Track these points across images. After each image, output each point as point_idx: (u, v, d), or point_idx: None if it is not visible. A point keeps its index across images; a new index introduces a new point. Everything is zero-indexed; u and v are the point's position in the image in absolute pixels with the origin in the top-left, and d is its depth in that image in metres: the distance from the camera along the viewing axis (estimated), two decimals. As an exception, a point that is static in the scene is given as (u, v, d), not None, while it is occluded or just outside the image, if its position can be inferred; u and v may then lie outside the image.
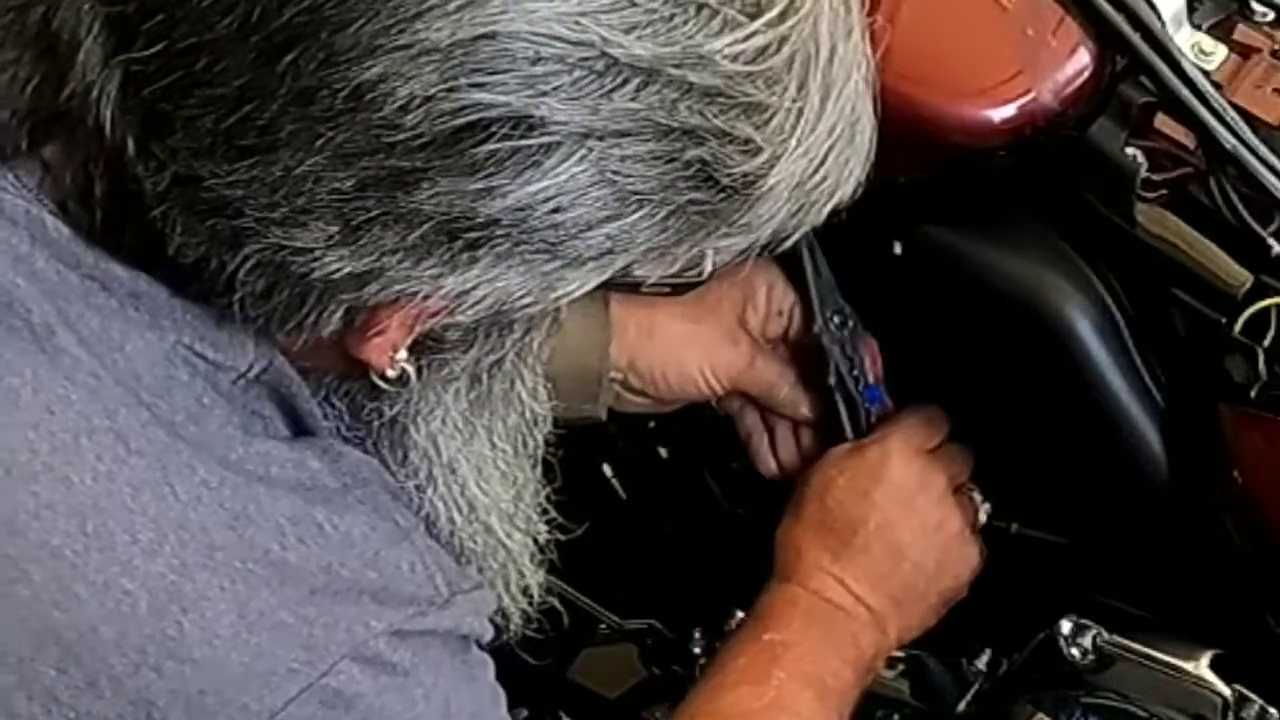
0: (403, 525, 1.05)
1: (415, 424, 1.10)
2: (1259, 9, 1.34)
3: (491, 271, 0.97)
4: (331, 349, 1.03)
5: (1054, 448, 1.42)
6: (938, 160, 1.33)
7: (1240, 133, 1.26)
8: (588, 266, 0.99)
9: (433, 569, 1.04)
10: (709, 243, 1.01)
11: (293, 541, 1.00)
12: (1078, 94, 1.29)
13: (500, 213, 0.94)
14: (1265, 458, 1.31)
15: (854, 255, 1.45)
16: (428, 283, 0.97)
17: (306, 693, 0.98)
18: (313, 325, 0.99)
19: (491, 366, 1.09)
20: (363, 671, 1.00)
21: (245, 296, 0.98)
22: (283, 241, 0.95)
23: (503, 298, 0.98)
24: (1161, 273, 1.34)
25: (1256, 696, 1.36)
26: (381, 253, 0.95)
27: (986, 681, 1.48)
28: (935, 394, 1.48)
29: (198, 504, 0.98)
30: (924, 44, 1.32)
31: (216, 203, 0.95)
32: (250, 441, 1.01)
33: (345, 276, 0.96)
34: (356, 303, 0.98)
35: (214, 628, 0.97)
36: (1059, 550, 1.47)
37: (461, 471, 1.12)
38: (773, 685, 1.34)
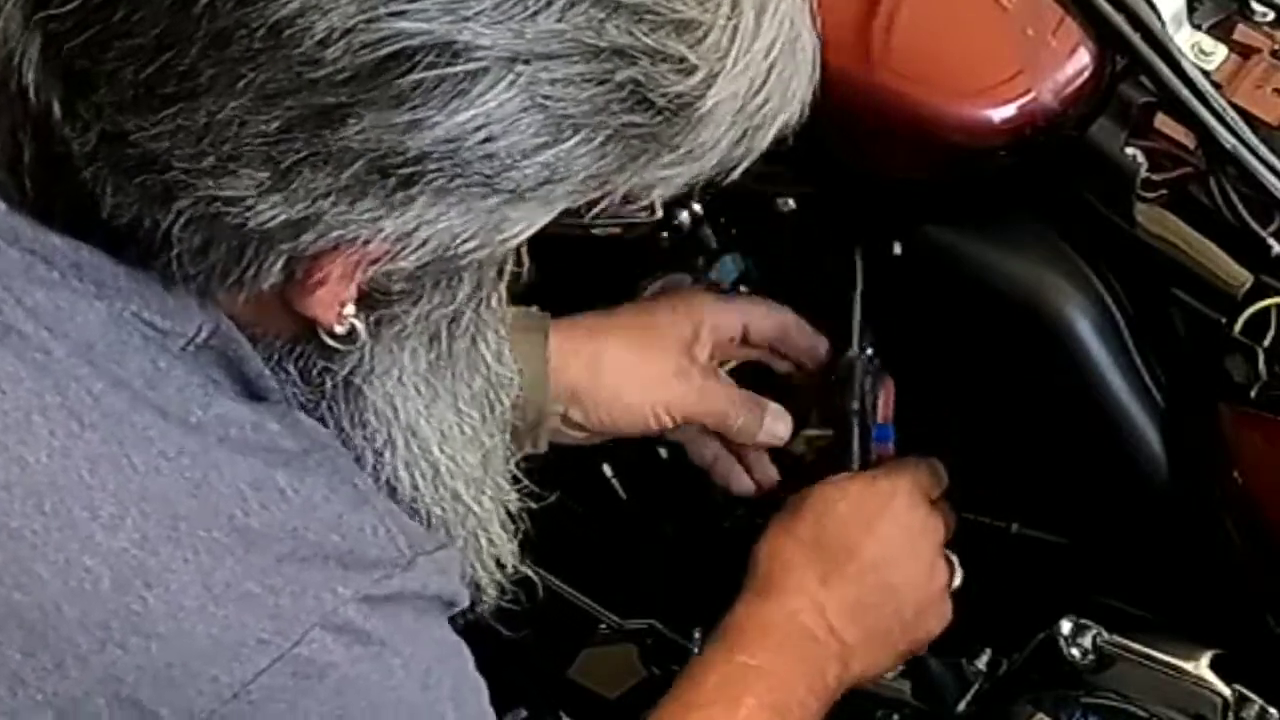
0: (362, 489, 1.03)
1: (370, 383, 1.07)
2: (1259, 9, 1.34)
3: (430, 211, 0.95)
4: (278, 308, 1.01)
5: (1054, 448, 1.42)
6: (938, 160, 1.33)
7: (1240, 133, 1.26)
8: (530, 201, 0.97)
9: (394, 531, 1.02)
10: (652, 171, 0.99)
11: (255, 507, 0.98)
12: (1078, 94, 1.29)
13: (431, 145, 0.93)
14: (1265, 458, 1.31)
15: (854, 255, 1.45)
16: (366, 226, 0.95)
17: (279, 663, 0.97)
18: (253, 279, 0.97)
19: (449, 324, 1.07)
20: (335, 640, 0.98)
21: (182, 253, 0.96)
22: (214, 193, 0.94)
23: (446, 240, 0.97)
24: (1161, 273, 1.34)
25: (1256, 696, 1.36)
26: (315, 197, 0.94)
27: (986, 681, 1.48)
28: (935, 394, 1.48)
29: (157, 474, 0.97)
30: (924, 44, 1.32)
31: (144, 158, 0.94)
32: (209, 404, 0.99)
33: (280, 225, 0.94)
34: (295, 252, 0.96)
35: (179, 601, 0.96)
36: (1059, 550, 1.47)
37: (424, 435, 1.10)
38: (741, 711, 1.33)
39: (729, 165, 1.03)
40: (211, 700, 0.96)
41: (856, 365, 1.45)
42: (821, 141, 1.34)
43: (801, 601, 1.38)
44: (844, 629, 1.38)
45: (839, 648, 1.38)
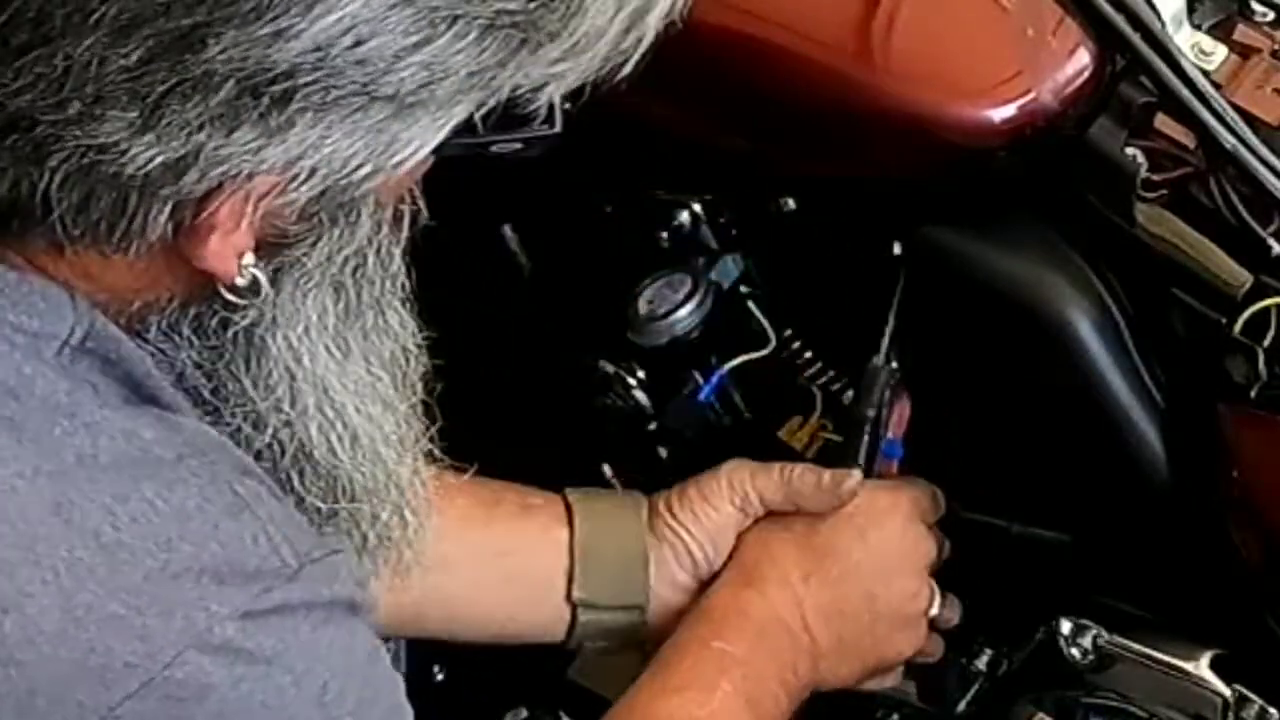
0: (243, 495, 0.98)
1: (273, 335, 1.03)
2: (1259, 9, 1.34)
3: (311, 133, 0.92)
4: (171, 267, 0.98)
5: (1054, 448, 1.42)
6: (938, 160, 1.33)
7: (1240, 133, 1.26)
8: (415, 111, 0.94)
9: (277, 540, 0.97)
10: (538, 66, 0.96)
11: (124, 521, 0.94)
12: (1078, 94, 1.30)
13: (299, 56, 0.90)
14: (1265, 458, 1.31)
15: (854, 255, 1.45)
16: (248, 158, 0.92)
17: (146, 688, 0.93)
18: (141, 231, 0.94)
19: (354, 273, 1.04)
20: (213, 661, 0.94)
21: (64, 215, 0.94)
22: (84, 141, 0.91)
23: (335, 166, 0.94)
24: (1161, 273, 1.34)
25: (1256, 696, 1.36)
26: (188, 131, 0.91)
27: (986, 681, 1.48)
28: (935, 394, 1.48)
29: (13, 494, 0.93)
30: (924, 44, 1.32)
31: (10, 118, 0.91)
32: (74, 413, 0.96)
33: (159, 167, 0.92)
34: (179, 196, 0.93)
35: (38, 625, 0.92)
36: (1059, 550, 1.47)
37: (337, 393, 1.06)
38: (717, 696, 1.32)
39: (621, 58, 0.99)
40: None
41: (881, 374, 1.44)
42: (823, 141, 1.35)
43: (782, 595, 1.38)
44: (819, 630, 1.38)
45: (811, 646, 1.38)
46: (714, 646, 1.35)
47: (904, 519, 1.43)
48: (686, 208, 1.52)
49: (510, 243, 1.64)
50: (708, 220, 1.52)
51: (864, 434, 1.45)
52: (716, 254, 1.54)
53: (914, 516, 1.43)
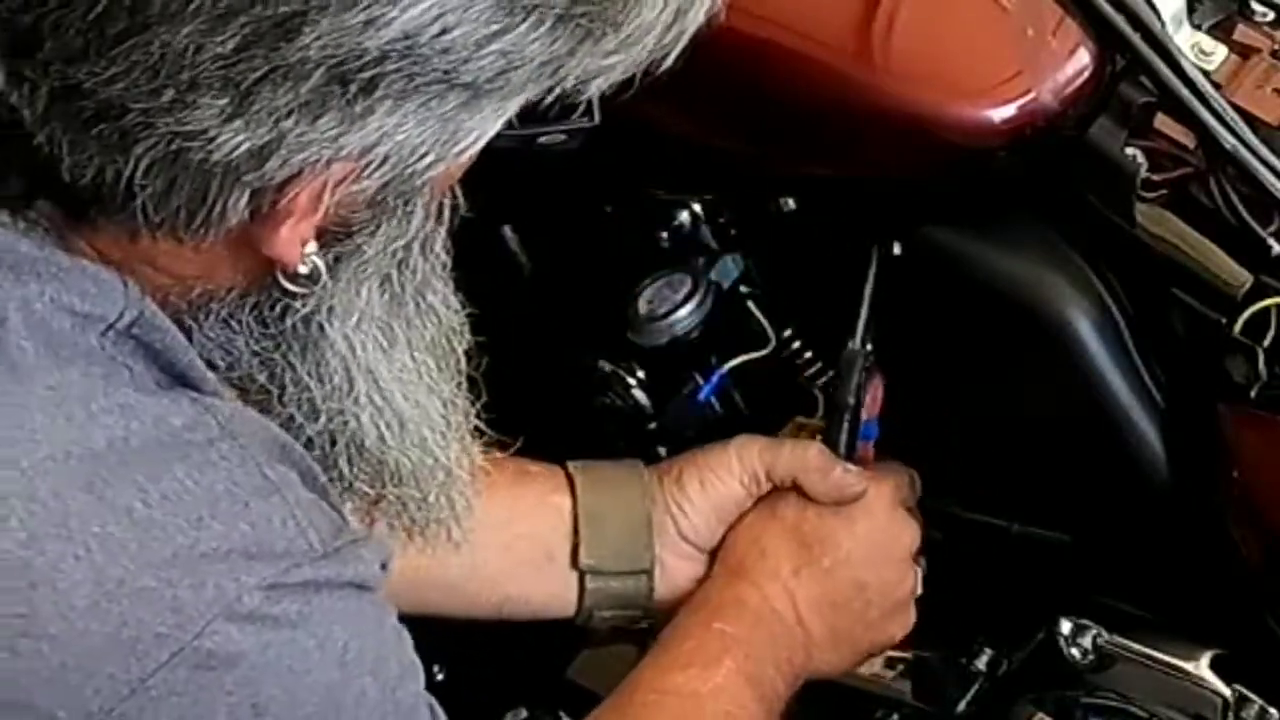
0: (272, 479, 1.00)
1: (329, 324, 1.06)
2: (1259, 9, 1.34)
3: (390, 120, 0.95)
4: (236, 255, 1.00)
5: (1054, 448, 1.42)
6: (938, 160, 1.33)
7: (1240, 133, 1.26)
8: (485, 101, 0.96)
9: (304, 525, 0.99)
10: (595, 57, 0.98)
11: (156, 498, 0.96)
12: (1078, 94, 1.30)
13: (389, 44, 0.92)
14: (1265, 458, 1.31)
15: (854, 255, 1.45)
16: (328, 145, 0.94)
17: (177, 657, 0.94)
18: (219, 218, 0.96)
19: (400, 264, 1.07)
20: (241, 630, 0.96)
21: (145, 202, 0.95)
22: (175, 129, 0.93)
23: (405, 154, 0.97)
24: (1161, 273, 1.34)
25: (1256, 696, 1.36)
26: (277, 118, 0.93)
27: (986, 681, 1.48)
28: (936, 394, 1.48)
29: (45, 474, 0.95)
30: (924, 44, 1.32)
31: (100, 107, 0.93)
32: (111, 393, 0.97)
33: (244, 154, 0.94)
34: (260, 182, 0.95)
35: (69, 600, 0.93)
36: (1059, 550, 1.47)
37: (385, 382, 1.09)
38: (720, 672, 1.33)
39: (662, 53, 1.02)
40: (109, 698, 0.94)
41: (856, 360, 1.45)
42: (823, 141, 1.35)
43: (774, 587, 1.39)
44: (811, 621, 1.39)
45: (805, 637, 1.39)
46: (715, 628, 1.36)
47: (888, 506, 1.43)
48: (686, 208, 1.52)
49: (510, 243, 1.64)
50: (708, 220, 1.52)
51: (845, 420, 1.45)
52: (716, 254, 1.54)
53: (896, 503, 1.44)
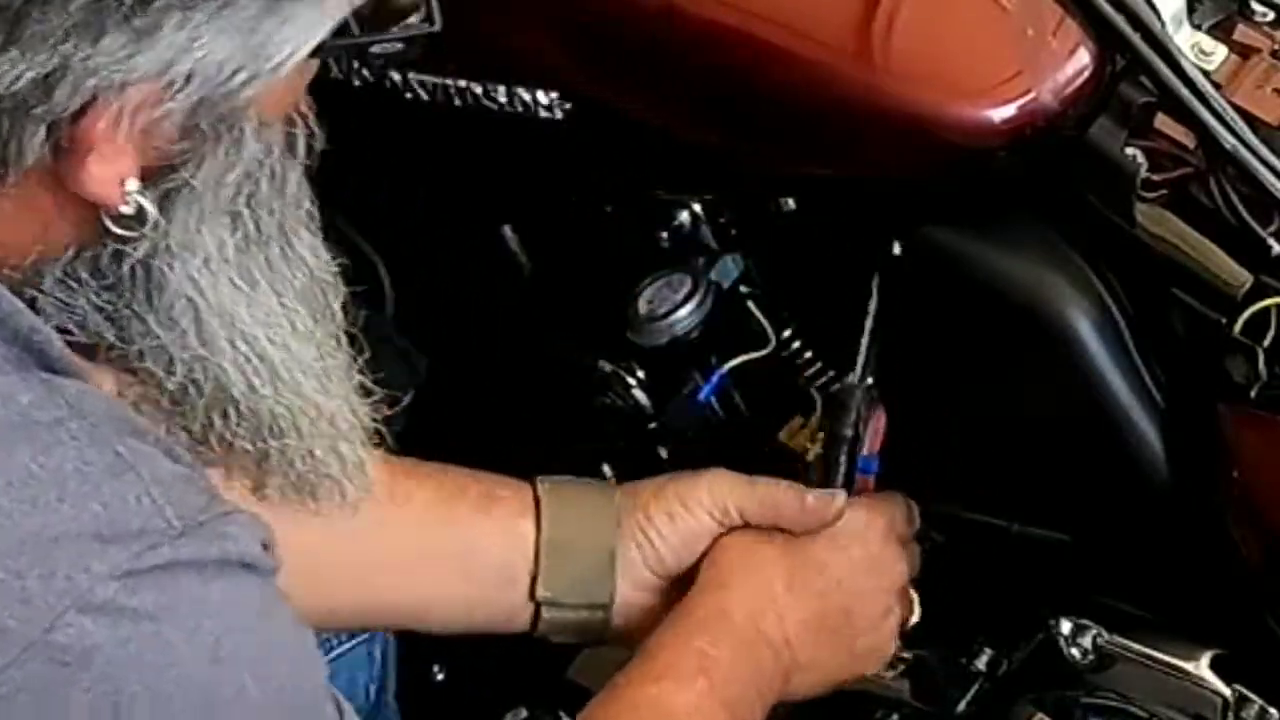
0: (125, 456, 0.96)
1: (169, 266, 1.01)
2: (1259, 9, 1.34)
3: (181, 34, 0.92)
4: (59, 203, 0.97)
5: (1054, 448, 1.42)
6: (938, 160, 1.33)
7: (1240, 133, 1.26)
8: (287, 10, 0.94)
9: (161, 501, 0.95)
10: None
11: (1, 484, 0.92)
12: (1078, 94, 1.29)
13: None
14: (1265, 458, 1.31)
15: (854, 255, 1.45)
16: (119, 67, 0.91)
17: (28, 652, 0.91)
18: (17, 156, 0.93)
19: (249, 198, 1.02)
20: (95, 622, 0.92)
21: None
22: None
23: (211, 72, 0.93)
24: (1161, 273, 1.34)
25: (1256, 696, 1.36)
26: (53, 42, 0.90)
27: (986, 681, 1.48)
28: (935, 395, 1.48)
29: None
30: (924, 44, 1.32)
31: None
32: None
33: (28, 84, 0.91)
34: (54, 114, 0.92)
35: None
36: (1059, 550, 1.47)
37: (247, 326, 1.04)
38: (695, 690, 1.30)
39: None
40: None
41: (856, 393, 1.44)
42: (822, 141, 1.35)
43: (763, 605, 1.36)
44: (799, 644, 1.37)
45: (790, 660, 1.37)
46: (694, 645, 1.33)
47: (883, 536, 1.42)
48: (686, 208, 1.52)
49: (510, 243, 1.64)
50: (708, 220, 1.52)
51: (843, 453, 1.45)
52: (716, 254, 1.54)
53: (891, 534, 1.43)
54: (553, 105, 1.41)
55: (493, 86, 1.39)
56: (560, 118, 1.41)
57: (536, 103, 1.41)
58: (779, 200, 1.45)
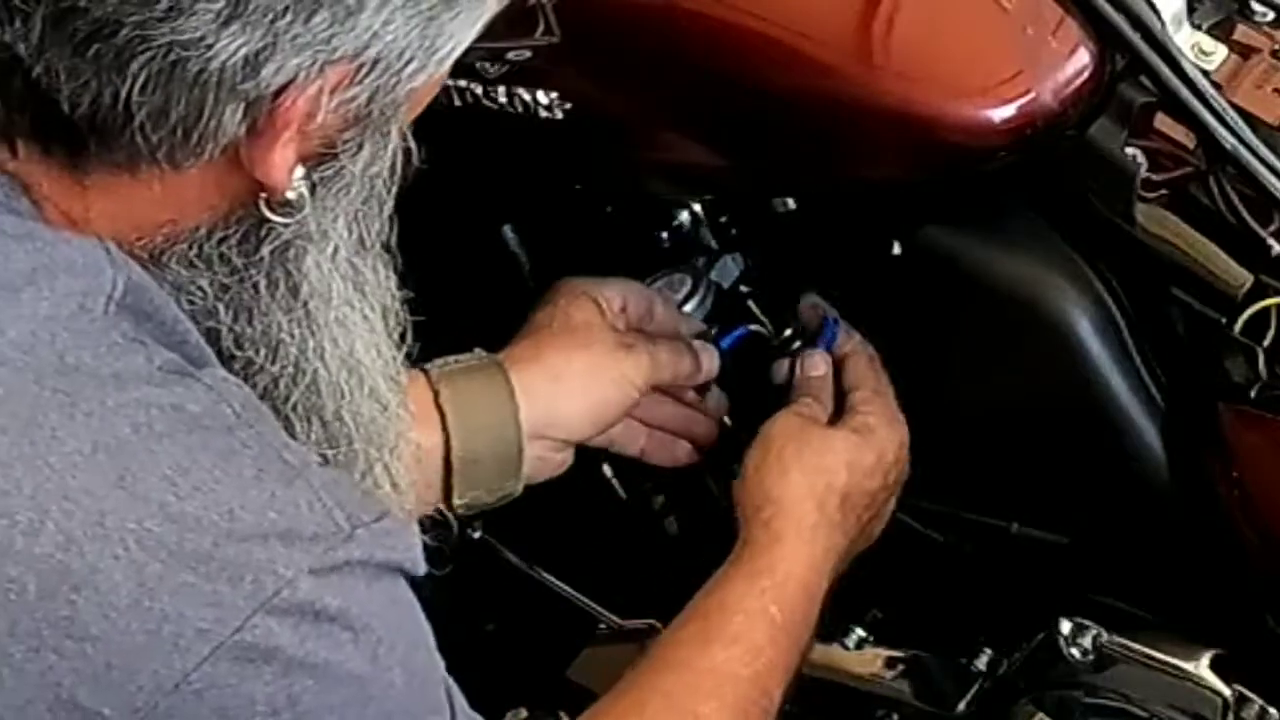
0: (293, 464, 1.01)
1: (305, 251, 1.05)
2: (1259, 9, 1.34)
3: (378, 18, 0.95)
4: (224, 180, 1.01)
5: (1054, 447, 1.42)
6: (938, 160, 1.33)
7: (1240, 133, 1.26)
8: (459, 3, 0.98)
9: (329, 504, 1.00)
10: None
11: (187, 489, 0.96)
12: (1078, 94, 1.29)
13: None
14: (1265, 458, 1.31)
15: (854, 255, 1.45)
16: (322, 47, 0.95)
17: (219, 651, 0.95)
18: (215, 132, 0.96)
19: (368, 200, 1.06)
20: (280, 623, 0.97)
21: (144, 122, 0.95)
22: (171, 38, 0.93)
23: (392, 58, 0.97)
24: (1161, 273, 1.34)
25: (1256, 696, 1.36)
26: (271, 17, 0.93)
27: (986, 681, 1.48)
28: (935, 394, 1.48)
29: (75, 471, 0.94)
30: (924, 44, 1.32)
31: (95, 26, 0.93)
32: (124, 385, 0.97)
33: (240, 61, 0.94)
34: (257, 91, 0.95)
35: (110, 601, 0.94)
36: (1059, 550, 1.47)
37: (351, 325, 1.09)
38: (763, 659, 1.32)
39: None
40: (153, 694, 0.95)
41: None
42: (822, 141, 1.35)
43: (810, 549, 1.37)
44: (832, 558, 1.39)
45: (827, 584, 1.38)
46: (770, 611, 1.34)
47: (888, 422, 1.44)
48: (686, 208, 1.52)
49: (510, 243, 1.64)
50: (708, 220, 1.52)
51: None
52: (716, 254, 1.54)
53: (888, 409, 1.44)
54: (553, 105, 1.40)
55: (493, 86, 1.39)
56: (560, 118, 1.41)
57: (536, 103, 1.41)
58: (779, 200, 1.45)
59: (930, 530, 1.53)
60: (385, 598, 1.03)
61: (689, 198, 1.52)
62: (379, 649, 1.02)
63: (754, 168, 1.42)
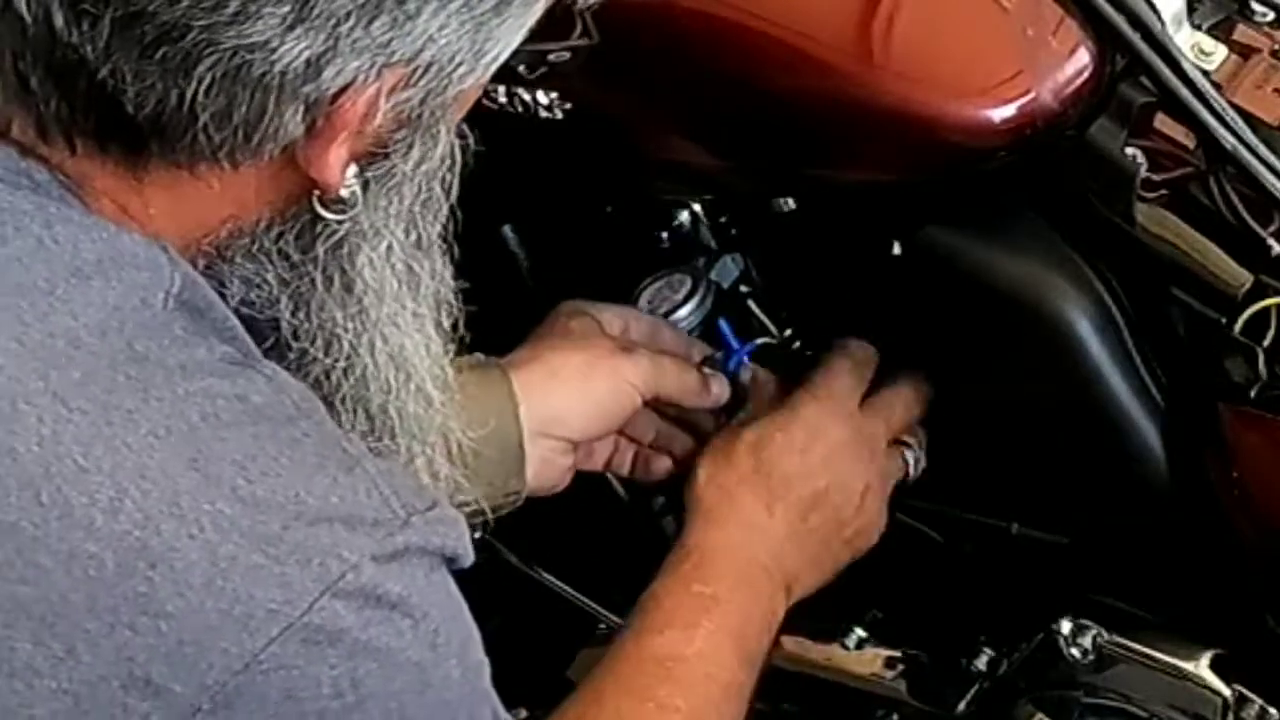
0: (351, 452, 1.03)
1: (359, 247, 1.08)
2: (1259, 9, 1.34)
3: (434, 22, 0.97)
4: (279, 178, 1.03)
5: (1054, 447, 1.42)
6: (938, 160, 1.33)
7: (1240, 133, 1.26)
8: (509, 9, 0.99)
9: (386, 492, 1.02)
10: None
11: (256, 474, 0.98)
12: (1078, 94, 1.29)
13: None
14: (1265, 458, 1.31)
15: (854, 255, 1.45)
16: (380, 51, 0.97)
17: (288, 632, 0.97)
18: (275, 133, 0.98)
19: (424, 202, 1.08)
20: (346, 606, 0.99)
21: (207, 123, 0.97)
22: (238, 42, 0.94)
23: (444, 61, 0.99)
24: (1161, 273, 1.34)
25: (1256, 696, 1.36)
26: (335, 22, 0.95)
27: (986, 681, 1.48)
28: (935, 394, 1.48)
29: (152, 451, 0.97)
30: (924, 44, 1.32)
31: (163, 29, 0.94)
32: (190, 377, 0.99)
33: (302, 64, 0.95)
34: (318, 93, 0.97)
35: (185, 579, 0.96)
36: (1059, 550, 1.47)
37: (402, 323, 1.11)
38: (700, 634, 1.33)
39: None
40: (222, 672, 0.97)
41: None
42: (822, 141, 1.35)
43: (747, 533, 1.39)
44: (791, 558, 1.39)
45: (783, 578, 1.39)
46: (693, 590, 1.36)
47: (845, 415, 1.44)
48: (686, 208, 1.52)
49: (510, 243, 1.64)
50: (708, 220, 1.52)
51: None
52: (716, 254, 1.54)
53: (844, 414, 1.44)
54: (553, 105, 1.40)
55: (493, 86, 1.39)
56: (560, 118, 1.41)
57: (536, 103, 1.41)
58: (779, 200, 1.45)
59: (930, 530, 1.53)
60: (442, 590, 1.05)
61: (689, 198, 1.52)
62: (437, 638, 1.04)
63: (754, 168, 1.42)
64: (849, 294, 1.48)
